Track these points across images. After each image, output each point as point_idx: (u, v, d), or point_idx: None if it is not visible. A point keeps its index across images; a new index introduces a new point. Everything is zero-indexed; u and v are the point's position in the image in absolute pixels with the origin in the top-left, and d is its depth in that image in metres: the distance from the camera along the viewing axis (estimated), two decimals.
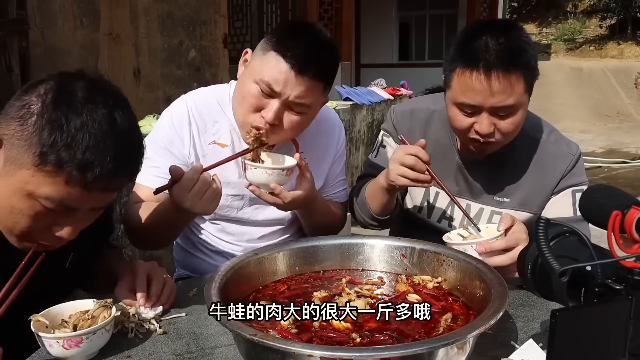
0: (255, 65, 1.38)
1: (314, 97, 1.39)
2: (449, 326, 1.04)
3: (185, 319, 1.19)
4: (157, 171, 1.47)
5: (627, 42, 21.01)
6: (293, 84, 1.34)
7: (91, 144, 0.93)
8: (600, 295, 0.73)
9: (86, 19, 3.92)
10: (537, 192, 1.54)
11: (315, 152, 1.61)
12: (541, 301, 1.22)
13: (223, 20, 5.46)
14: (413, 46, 14.17)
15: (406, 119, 1.66)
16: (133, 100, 1.11)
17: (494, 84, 1.33)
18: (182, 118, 1.51)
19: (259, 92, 1.37)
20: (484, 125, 1.38)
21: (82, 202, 0.99)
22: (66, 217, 1.01)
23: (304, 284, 1.24)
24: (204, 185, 1.24)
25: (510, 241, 1.26)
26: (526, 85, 1.37)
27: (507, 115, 1.38)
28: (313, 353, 0.82)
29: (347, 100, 5.62)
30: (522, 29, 1.43)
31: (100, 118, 0.96)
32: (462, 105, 1.40)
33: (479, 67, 1.33)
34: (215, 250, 1.62)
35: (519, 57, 1.34)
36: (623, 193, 0.78)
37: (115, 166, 0.96)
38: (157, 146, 1.50)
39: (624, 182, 6.97)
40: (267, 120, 1.37)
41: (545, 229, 0.78)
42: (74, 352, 1.00)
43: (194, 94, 1.57)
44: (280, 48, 1.34)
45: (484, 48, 1.34)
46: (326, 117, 1.67)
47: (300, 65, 1.33)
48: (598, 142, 10.45)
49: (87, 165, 0.93)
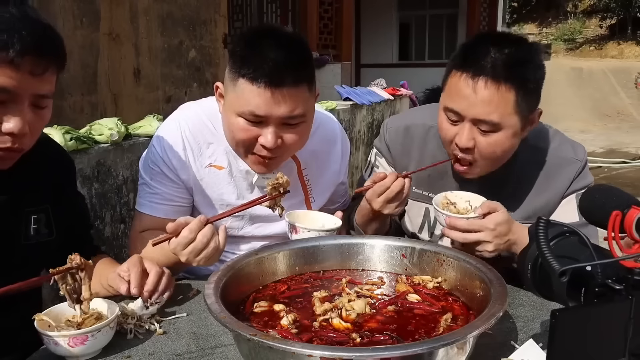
0: (231, 100, 1.32)
1: (303, 102, 1.32)
2: (449, 326, 1.04)
3: (185, 319, 1.19)
4: (156, 198, 1.46)
5: (627, 42, 21.02)
6: (277, 102, 1.27)
7: (5, 27, 1.01)
8: (600, 295, 0.73)
9: (86, 19, 3.92)
10: (545, 200, 1.50)
11: (316, 166, 1.59)
12: (541, 301, 1.22)
13: (223, 20, 5.46)
14: (413, 46, 14.16)
15: (399, 138, 1.61)
16: (133, 100, 1.12)
17: (480, 92, 1.29)
18: (177, 144, 1.45)
19: (246, 124, 1.31)
20: (463, 136, 1.35)
21: (17, 85, 1.04)
22: (9, 109, 1.05)
23: (304, 284, 1.24)
24: (201, 244, 1.18)
25: (474, 224, 1.30)
26: (517, 106, 1.30)
27: (489, 132, 1.33)
28: (313, 353, 0.82)
29: (347, 100, 5.61)
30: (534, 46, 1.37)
31: (12, 11, 1.04)
32: (448, 110, 1.38)
33: (468, 71, 1.31)
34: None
35: (515, 69, 1.29)
36: (623, 193, 0.78)
37: (33, 43, 1.03)
38: (154, 172, 1.46)
39: (624, 182, 6.97)
40: (268, 146, 1.32)
41: (545, 229, 0.79)
42: (80, 349, 1.01)
43: (185, 115, 1.49)
44: (246, 71, 1.26)
45: (483, 54, 1.31)
46: (327, 128, 1.63)
47: (274, 80, 1.25)
48: (598, 142, 10.45)
49: (6, 43, 1.00)
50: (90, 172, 2.30)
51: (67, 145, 2.09)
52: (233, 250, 1.58)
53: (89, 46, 3.97)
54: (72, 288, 1.03)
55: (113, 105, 4.20)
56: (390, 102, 6.49)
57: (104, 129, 2.41)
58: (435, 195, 1.43)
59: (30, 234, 1.25)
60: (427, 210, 1.62)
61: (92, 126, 2.44)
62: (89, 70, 3.97)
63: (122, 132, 2.46)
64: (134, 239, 1.49)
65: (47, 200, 1.29)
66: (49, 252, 1.33)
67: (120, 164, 2.47)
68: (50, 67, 1.08)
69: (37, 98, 1.09)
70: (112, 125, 2.44)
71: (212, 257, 1.21)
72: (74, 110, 3.81)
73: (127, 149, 2.49)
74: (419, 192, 1.61)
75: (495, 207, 1.33)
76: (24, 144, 1.11)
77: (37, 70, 1.05)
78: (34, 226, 1.26)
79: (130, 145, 2.52)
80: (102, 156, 2.37)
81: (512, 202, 1.49)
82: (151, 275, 1.21)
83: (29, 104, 1.08)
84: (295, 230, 1.37)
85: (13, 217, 1.22)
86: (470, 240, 1.32)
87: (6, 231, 1.20)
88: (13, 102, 1.05)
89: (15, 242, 1.23)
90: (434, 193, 1.55)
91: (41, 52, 1.05)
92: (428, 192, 1.60)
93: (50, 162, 1.31)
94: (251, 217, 1.54)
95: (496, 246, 1.31)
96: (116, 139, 2.41)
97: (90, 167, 2.30)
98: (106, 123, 2.46)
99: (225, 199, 1.48)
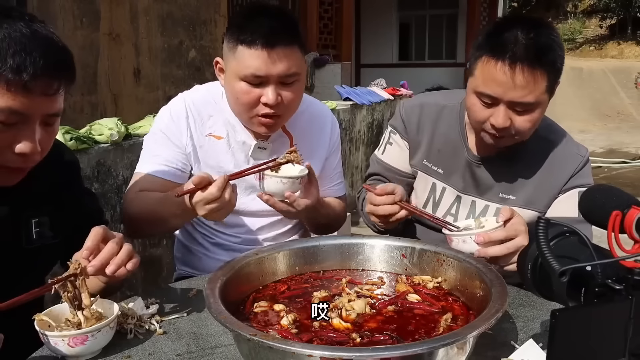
0: (232, 66, 1.44)
1: (297, 61, 1.45)
2: (449, 326, 1.04)
3: (185, 319, 1.19)
4: (158, 159, 1.53)
5: (627, 42, 21.02)
6: (273, 61, 1.40)
7: (18, 48, 0.99)
8: (600, 295, 0.73)
9: (86, 19, 3.92)
10: (545, 191, 1.53)
11: (306, 147, 1.63)
12: (541, 301, 1.22)
13: (223, 20, 5.46)
14: (413, 46, 14.16)
15: (415, 113, 1.66)
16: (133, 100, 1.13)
17: (518, 78, 1.33)
18: (180, 112, 1.56)
19: (248, 86, 1.43)
20: (500, 118, 1.38)
21: (29, 108, 1.03)
22: (21, 131, 1.05)
23: (304, 284, 1.24)
24: (223, 204, 1.25)
25: (510, 231, 1.25)
26: (548, 84, 1.36)
27: (525, 111, 1.38)
28: (313, 353, 0.82)
29: (347, 100, 5.61)
30: (554, 28, 1.41)
31: (21, 28, 1.02)
32: (481, 95, 1.40)
33: (504, 58, 1.33)
34: (215, 242, 1.65)
35: (547, 55, 1.34)
36: (623, 193, 0.78)
37: (47, 65, 1.01)
38: (157, 136, 1.56)
39: (624, 182, 6.97)
40: (270, 103, 1.43)
41: (545, 229, 0.78)
42: (80, 349, 1.01)
43: (191, 92, 1.63)
44: (244, 37, 1.40)
45: (513, 40, 1.33)
46: (318, 112, 1.72)
47: (269, 41, 1.38)
48: (598, 142, 10.45)
49: (19, 66, 0.99)
50: (90, 172, 2.31)
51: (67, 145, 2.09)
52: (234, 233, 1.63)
53: (89, 46, 3.96)
54: (73, 295, 1.03)
55: (113, 105, 4.20)
56: (390, 102, 6.50)
57: (104, 129, 2.41)
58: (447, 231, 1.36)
59: (33, 238, 1.24)
60: (433, 184, 1.64)
61: (92, 126, 2.45)
62: (89, 70, 3.97)
63: (122, 132, 2.46)
64: (130, 199, 1.51)
65: (49, 202, 1.28)
66: (56, 255, 1.33)
67: (120, 164, 2.47)
68: (62, 86, 1.07)
69: (48, 117, 1.09)
70: (112, 125, 2.44)
71: (227, 214, 1.30)
72: (74, 110, 3.81)
73: (127, 149, 2.49)
74: (427, 166, 1.64)
75: (512, 212, 1.30)
76: (34, 161, 1.11)
77: (49, 91, 1.04)
78: (37, 229, 1.25)
79: (130, 145, 2.52)
80: (102, 156, 2.37)
81: (517, 184, 1.55)
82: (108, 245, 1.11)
83: (40, 122, 1.07)
84: (259, 177, 1.40)
85: (12, 222, 1.21)
86: (512, 250, 1.24)
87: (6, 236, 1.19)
88: (24, 124, 1.04)
89: (17, 247, 1.22)
90: (442, 169, 1.60)
91: (53, 73, 1.04)
92: (437, 167, 1.63)
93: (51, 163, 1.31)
94: (247, 187, 1.58)
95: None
96: (116, 139, 2.41)
97: (90, 167, 2.30)
98: (106, 123, 2.46)
99: (223, 167, 1.56)
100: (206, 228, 1.65)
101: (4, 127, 1.03)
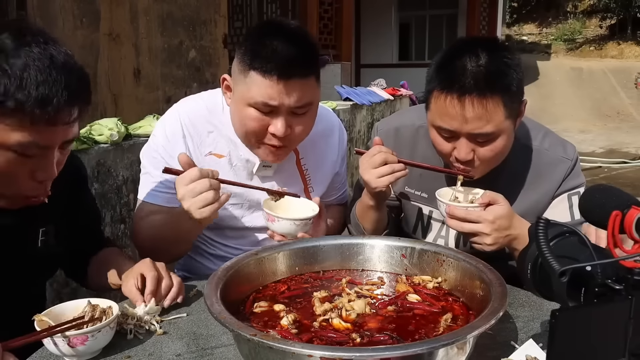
0: (242, 90, 1.36)
1: (312, 92, 1.39)
2: (449, 326, 1.04)
3: (185, 319, 1.19)
4: (157, 186, 1.48)
5: (627, 42, 21.00)
6: (288, 92, 1.32)
7: (40, 79, 0.95)
8: (600, 295, 0.73)
9: (86, 19, 3.92)
10: (536, 201, 1.50)
11: (314, 156, 1.61)
12: (541, 301, 1.22)
13: (223, 20, 5.46)
14: (413, 46, 14.18)
15: (390, 140, 1.59)
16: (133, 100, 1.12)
17: (468, 110, 1.28)
18: (176, 132, 1.49)
19: (258, 114, 1.36)
20: (462, 152, 1.34)
21: (52, 139, 1.02)
22: (41, 159, 1.04)
23: (304, 284, 1.24)
24: (200, 185, 1.24)
25: (472, 214, 1.30)
26: (507, 110, 1.30)
27: (487, 142, 1.33)
28: (313, 353, 0.82)
29: (347, 100, 5.61)
30: (507, 49, 1.35)
31: (38, 55, 0.98)
32: (440, 129, 1.36)
33: (452, 92, 1.29)
34: (216, 255, 1.62)
35: (499, 80, 1.28)
36: (623, 193, 0.78)
37: (70, 95, 0.99)
38: (157, 161, 1.49)
39: (624, 182, 6.96)
40: (279, 134, 1.37)
41: (545, 229, 0.78)
42: (80, 350, 1.01)
43: (185, 106, 1.54)
44: (258, 64, 1.31)
45: (461, 71, 1.28)
46: (325, 120, 1.66)
47: (285, 72, 1.30)
48: (598, 142, 10.44)
49: (44, 99, 0.95)
50: (90, 172, 2.30)
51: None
52: (236, 245, 1.60)
53: (89, 46, 3.97)
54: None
55: (113, 105, 4.20)
56: (390, 102, 6.49)
57: (104, 129, 2.41)
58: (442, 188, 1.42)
59: (38, 246, 1.24)
60: (420, 210, 1.61)
61: (92, 126, 2.44)
62: (89, 70, 3.91)
63: (122, 132, 2.46)
64: (137, 226, 1.50)
65: (57, 211, 1.27)
66: (58, 262, 1.33)
67: (120, 164, 2.47)
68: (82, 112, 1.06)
69: (66, 142, 1.08)
70: (112, 125, 2.44)
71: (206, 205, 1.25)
72: None
73: (127, 149, 2.49)
74: (411, 192, 1.61)
75: (497, 198, 1.32)
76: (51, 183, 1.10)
77: (69, 119, 1.02)
78: (42, 238, 1.25)
79: (130, 145, 2.52)
80: (102, 156, 2.37)
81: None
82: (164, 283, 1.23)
83: (58, 147, 1.06)
84: (271, 219, 1.38)
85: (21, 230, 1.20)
86: (467, 231, 1.32)
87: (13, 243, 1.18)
88: (44, 152, 1.03)
89: (21, 254, 1.21)
90: (426, 193, 1.57)
91: (75, 102, 1.02)
92: (420, 192, 1.59)
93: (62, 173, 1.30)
94: (250, 205, 1.56)
95: (495, 240, 1.30)
96: (116, 139, 2.41)
97: (90, 167, 2.30)
98: (106, 123, 2.46)
99: (226, 186, 1.49)
100: (209, 240, 1.62)
101: (24, 158, 1.01)
